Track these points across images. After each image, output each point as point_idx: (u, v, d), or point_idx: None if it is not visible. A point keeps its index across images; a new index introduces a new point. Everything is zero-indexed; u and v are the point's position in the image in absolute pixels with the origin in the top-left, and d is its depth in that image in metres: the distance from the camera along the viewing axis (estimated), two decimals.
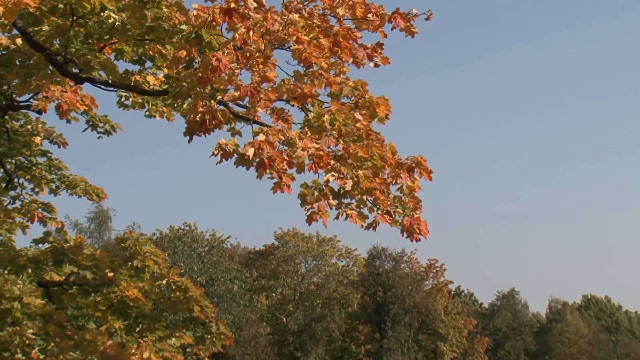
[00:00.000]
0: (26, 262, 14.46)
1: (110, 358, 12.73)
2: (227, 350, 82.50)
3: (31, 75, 14.28)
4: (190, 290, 16.63)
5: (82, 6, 12.64)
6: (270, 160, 10.73)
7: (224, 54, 11.05)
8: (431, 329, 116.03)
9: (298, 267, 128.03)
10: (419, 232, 11.72)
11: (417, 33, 12.13)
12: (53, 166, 19.58)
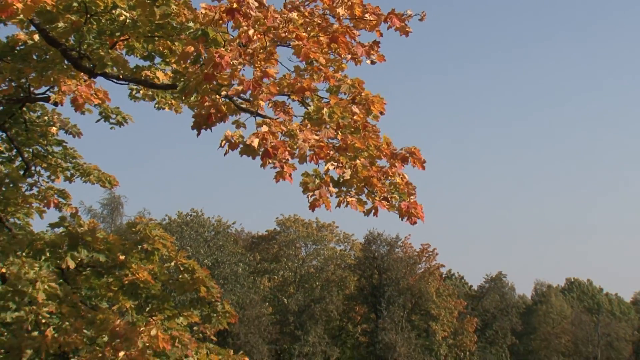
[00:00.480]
0: (43, 245, 14.45)
1: (120, 335, 12.70)
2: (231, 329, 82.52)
3: (47, 70, 14.26)
4: (197, 272, 16.63)
5: (96, 4, 12.63)
6: (274, 149, 10.76)
7: (228, 50, 11.07)
8: (424, 309, 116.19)
9: (298, 251, 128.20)
10: (416, 215, 11.76)
11: (411, 32, 12.14)
12: (68, 155, 19.57)
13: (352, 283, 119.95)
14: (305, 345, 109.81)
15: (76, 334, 12.78)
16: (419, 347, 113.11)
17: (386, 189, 11.77)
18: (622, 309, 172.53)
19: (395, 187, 11.82)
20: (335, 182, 11.55)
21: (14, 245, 14.05)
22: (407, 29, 11.98)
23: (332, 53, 11.83)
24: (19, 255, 13.77)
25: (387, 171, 11.69)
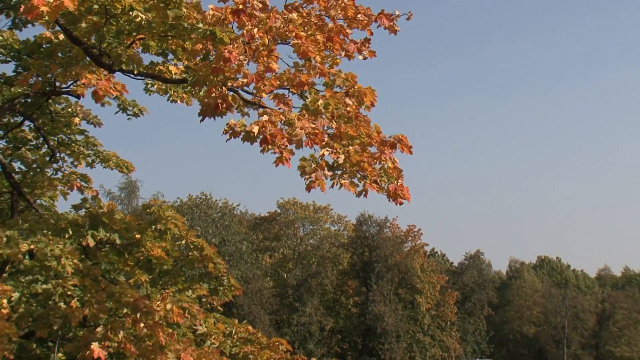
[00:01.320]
0: (67, 224, 14.43)
1: (140, 309, 12.69)
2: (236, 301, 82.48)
3: (71, 66, 14.24)
4: (205, 249, 16.63)
5: (114, 7, 12.60)
6: (272, 136, 10.79)
7: (234, 48, 11.07)
8: (409, 284, 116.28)
9: (297, 231, 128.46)
10: (403, 197, 11.75)
11: (399, 31, 12.12)
12: (89, 143, 19.56)
13: (345, 260, 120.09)
14: (303, 316, 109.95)
15: (98, 305, 12.76)
16: (405, 318, 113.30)
17: (376, 172, 11.76)
18: (587, 283, 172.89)
19: (385, 171, 11.81)
20: (330, 166, 11.53)
21: (41, 224, 14.03)
22: (395, 28, 11.96)
23: (328, 50, 11.81)
24: (45, 233, 13.74)
25: (377, 156, 11.69)
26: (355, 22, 11.89)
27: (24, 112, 17.98)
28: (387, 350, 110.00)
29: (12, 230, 13.39)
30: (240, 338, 16.19)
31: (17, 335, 12.59)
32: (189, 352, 13.13)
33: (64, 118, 18.89)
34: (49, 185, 19.34)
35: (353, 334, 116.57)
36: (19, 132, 19.22)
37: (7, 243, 13.01)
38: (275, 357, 15.92)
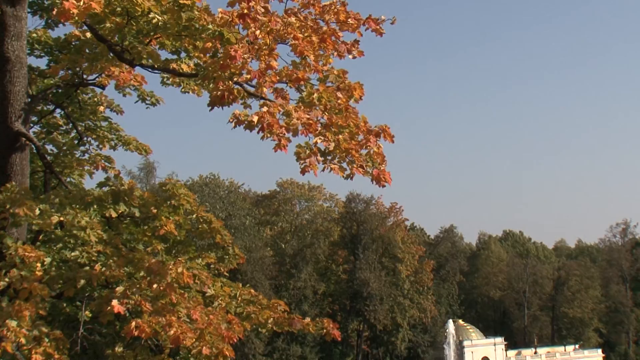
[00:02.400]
0: (92, 200, 14.42)
1: (154, 272, 12.71)
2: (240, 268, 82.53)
3: (97, 60, 14.23)
4: (213, 223, 16.65)
5: (135, 9, 12.59)
6: (269, 125, 10.86)
7: (240, 47, 11.11)
8: (391, 254, 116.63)
9: (294, 207, 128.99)
10: (385, 180, 11.79)
11: (384, 33, 12.12)
12: (112, 128, 19.55)
13: (336, 232, 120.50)
14: (299, 281, 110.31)
15: (118, 269, 12.78)
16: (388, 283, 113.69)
17: (362, 158, 11.79)
18: (545, 254, 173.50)
19: (370, 156, 11.83)
20: (322, 152, 11.56)
21: (70, 199, 14.02)
22: (381, 31, 11.96)
23: (322, 50, 11.82)
24: (73, 207, 13.74)
25: (364, 144, 11.72)
26: (346, 25, 11.89)
27: (56, 101, 17.98)
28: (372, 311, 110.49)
29: (44, 204, 13.39)
30: (244, 300, 16.21)
31: (49, 295, 12.62)
32: (197, 310, 13.15)
33: (90, 106, 18.89)
34: (77, 165, 19.35)
35: (342, 297, 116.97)
36: (51, 119, 19.20)
37: (40, 215, 13.02)
38: (274, 316, 15.94)
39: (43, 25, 18.26)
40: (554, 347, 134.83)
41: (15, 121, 14.61)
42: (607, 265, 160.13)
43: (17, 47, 14.62)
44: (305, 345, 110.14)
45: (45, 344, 12.13)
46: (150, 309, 12.33)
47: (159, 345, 13.29)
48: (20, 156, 14.83)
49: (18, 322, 11.60)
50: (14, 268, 12.21)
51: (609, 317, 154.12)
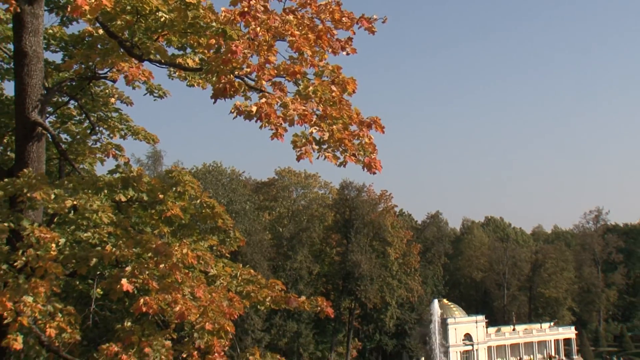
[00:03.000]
0: (103, 185, 14.40)
1: (160, 252, 12.70)
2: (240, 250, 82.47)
3: (108, 55, 14.20)
4: (216, 208, 16.63)
5: (143, 8, 12.57)
6: (267, 115, 10.87)
7: (241, 43, 11.09)
8: (381, 237, 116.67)
9: (291, 193, 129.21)
10: (375, 168, 11.78)
11: (376, 31, 12.09)
12: (122, 119, 19.52)
13: (330, 218, 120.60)
14: (295, 262, 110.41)
15: (127, 250, 12.77)
16: (377, 265, 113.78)
17: (355, 147, 11.78)
18: (524, 238, 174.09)
19: (362, 146, 11.82)
20: (317, 142, 11.55)
21: (82, 184, 14.01)
22: (373, 29, 11.93)
23: (317, 46, 11.79)
24: (86, 191, 13.73)
25: (356, 134, 11.71)
26: (340, 24, 11.85)
27: (70, 93, 17.94)
28: (363, 291, 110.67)
29: (59, 189, 13.37)
30: (244, 279, 16.22)
31: (63, 273, 12.61)
32: (201, 288, 13.15)
33: (102, 98, 18.85)
34: (90, 153, 19.32)
35: (335, 278, 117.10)
36: (66, 110, 19.17)
37: (55, 199, 13.00)
38: (272, 294, 15.95)
39: (58, 22, 18.31)
40: (531, 325, 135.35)
41: (32, 111, 14.60)
42: (581, 249, 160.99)
43: (34, 42, 14.61)
44: (301, 321, 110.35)
45: (59, 318, 12.15)
46: (157, 287, 12.34)
47: (165, 321, 13.29)
48: (36, 144, 14.82)
49: (34, 298, 11.61)
50: (30, 248, 12.20)
51: (581, 297, 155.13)
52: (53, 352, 14.10)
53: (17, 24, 14.56)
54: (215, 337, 13.14)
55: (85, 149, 19.25)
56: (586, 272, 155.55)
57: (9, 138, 18.34)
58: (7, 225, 12.90)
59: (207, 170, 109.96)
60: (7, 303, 11.26)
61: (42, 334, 12.65)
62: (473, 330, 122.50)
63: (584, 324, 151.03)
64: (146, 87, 17.99)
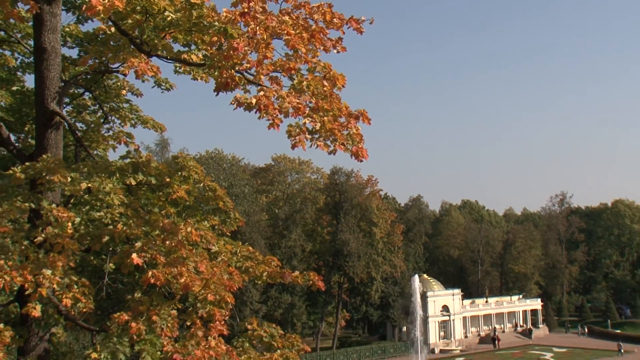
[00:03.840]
0: (115, 169, 14.37)
1: (167, 230, 12.69)
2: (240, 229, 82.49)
3: (119, 51, 14.16)
4: (218, 191, 16.60)
5: (152, 8, 12.53)
6: (265, 107, 10.87)
7: (241, 41, 11.07)
8: (368, 218, 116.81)
9: (286, 178, 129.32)
10: (362, 156, 11.78)
11: (364, 31, 12.06)
12: (133, 109, 19.47)
13: (321, 200, 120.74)
14: (289, 241, 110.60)
15: (137, 228, 12.76)
16: (364, 243, 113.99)
17: (344, 137, 11.77)
18: (496, 219, 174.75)
19: (350, 136, 11.82)
20: (310, 131, 11.54)
21: (96, 168, 13.98)
22: (361, 29, 11.91)
23: (311, 44, 11.77)
24: (99, 175, 13.70)
25: (345, 125, 11.70)
26: (331, 24, 11.83)
27: (85, 86, 17.91)
28: (351, 267, 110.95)
29: (75, 172, 13.34)
30: (243, 256, 16.21)
31: (78, 249, 12.60)
32: (204, 263, 13.16)
33: (114, 90, 18.80)
34: (103, 140, 19.29)
35: (326, 255, 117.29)
36: (81, 100, 19.12)
37: (71, 182, 12.98)
38: (268, 270, 15.96)
39: (74, 20, 18.27)
40: (501, 297, 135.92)
41: (50, 102, 14.57)
42: (547, 229, 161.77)
43: (52, 39, 14.56)
44: (295, 294, 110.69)
45: (75, 290, 12.14)
46: (164, 262, 12.34)
47: (171, 292, 13.30)
48: (55, 132, 14.79)
49: (52, 271, 11.61)
50: (49, 226, 12.19)
51: (547, 272, 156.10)
52: (70, 320, 14.15)
53: (37, 22, 14.51)
54: (217, 308, 13.17)
55: (99, 136, 19.23)
56: (551, 250, 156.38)
57: (29, 126, 18.32)
58: (28, 205, 12.89)
59: (209, 156, 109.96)
60: (28, 276, 11.26)
61: (59, 304, 12.66)
62: (450, 302, 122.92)
63: (549, 296, 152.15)
64: (154, 81, 17.96)
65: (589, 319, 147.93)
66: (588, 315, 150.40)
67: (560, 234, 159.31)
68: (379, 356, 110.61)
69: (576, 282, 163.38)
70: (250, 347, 15.26)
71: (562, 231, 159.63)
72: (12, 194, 13.33)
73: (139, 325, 12.17)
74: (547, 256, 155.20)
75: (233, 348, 14.02)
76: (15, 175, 13.12)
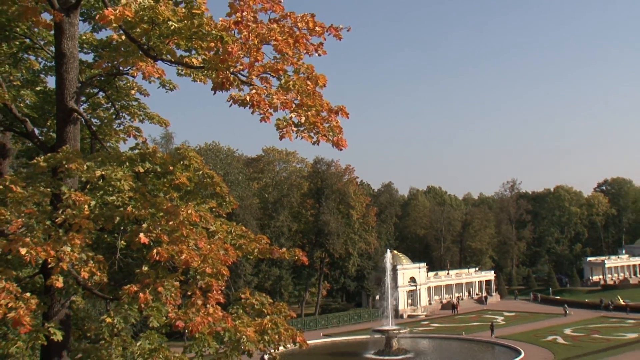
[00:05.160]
0: (125, 159, 14.27)
1: (170, 212, 12.64)
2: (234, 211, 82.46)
3: (129, 56, 14.04)
4: (215, 178, 16.53)
5: (157, 18, 12.41)
6: (257, 102, 10.87)
7: (235, 46, 11.03)
8: (346, 202, 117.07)
9: (274, 167, 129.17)
10: (342, 145, 11.78)
11: (342, 38, 12.01)
12: (140, 106, 19.33)
13: (305, 186, 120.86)
14: (277, 222, 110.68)
15: (144, 210, 12.69)
16: (343, 224, 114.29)
17: (325, 129, 11.75)
18: (457, 203, 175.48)
19: (331, 128, 11.78)
20: (295, 125, 11.51)
21: (109, 158, 13.88)
22: (340, 36, 11.86)
23: (296, 49, 11.71)
24: (111, 164, 13.61)
25: (326, 118, 11.67)
26: (313, 32, 11.77)
27: (99, 86, 17.80)
28: (331, 244, 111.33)
29: (90, 161, 13.25)
30: (237, 234, 16.18)
31: (94, 228, 12.54)
32: (202, 241, 13.12)
33: (124, 90, 18.67)
34: (115, 134, 19.17)
35: (309, 234, 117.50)
36: (96, 99, 18.97)
37: (87, 170, 12.89)
38: (259, 247, 15.94)
39: (90, 29, 18.22)
40: (460, 270, 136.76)
41: (69, 100, 14.50)
42: (499, 211, 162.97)
43: (71, 45, 14.49)
44: (282, 268, 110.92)
45: (91, 264, 12.10)
46: (167, 240, 12.30)
47: (174, 266, 13.26)
48: (73, 126, 14.72)
49: (71, 247, 11.56)
50: (68, 208, 12.12)
51: (499, 248, 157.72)
52: (87, 289, 14.13)
53: (58, 31, 14.44)
54: (214, 279, 13.15)
55: (111, 130, 19.12)
56: (503, 229, 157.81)
57: (51, 121, 18.20)
58: (50, 190, 12.84)
59: (208, 148, 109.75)
60: (51, 251, 11.23)
61: (78, 276, 12.64)
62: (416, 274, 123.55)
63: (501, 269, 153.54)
64: (159, 82, 17.81)
65: (534, 287, 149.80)
66: (533, 284, 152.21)
67: (511, 215, 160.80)
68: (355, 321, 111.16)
69: (524, 256, 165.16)
70: (244, 314, 15.25)
71: (512, 213, 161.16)
72: (36, 180, 13.24)
73: (146, 295, 12.15)
74: (499, 234, 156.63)
75: (228, 314, 14.02)
76: (39, 164, 13.08)
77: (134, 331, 21.79)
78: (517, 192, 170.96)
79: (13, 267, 12.25)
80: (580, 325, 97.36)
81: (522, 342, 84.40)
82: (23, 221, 11.79)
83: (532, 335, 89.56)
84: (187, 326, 12.18)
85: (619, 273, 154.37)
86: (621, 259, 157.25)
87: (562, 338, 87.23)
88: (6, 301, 10.73)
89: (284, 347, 14.79)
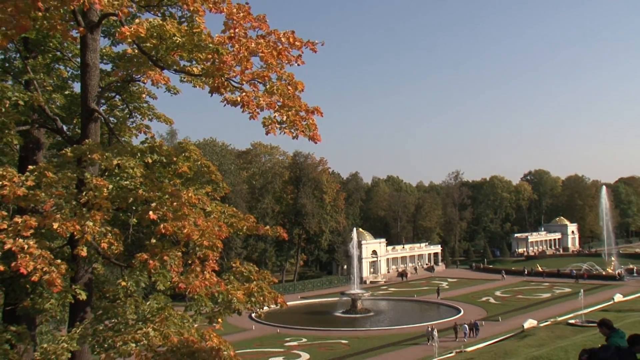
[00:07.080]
0: (137, 151, 14.20)
1: (174, 195, 12.63)
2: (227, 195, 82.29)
3: (140, 66, 13.97)
4: (211, 167, 16.49)
5: (164, 34, 12.36)
6: (247, 103, 10.91)
7: (229, 57, 11.05)
8: (320, 188, 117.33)
9: (261, 159, 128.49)
10: (317, 139, 11.83)
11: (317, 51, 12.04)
12: (150, 107, 19.20)
13: (286, 175, 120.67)
14: (263, 204, 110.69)
15: (153, 193, 12.66)
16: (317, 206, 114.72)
17: (303, 126, 11.78)
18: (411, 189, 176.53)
19: (308, 125, 11.82)
20: (279, 122, 11.54)
21: (124, 150, 13.82)
22: (315, 49, 11.87)
23: (279, 60, 11.73)
24: (126, 155, 13.56)
25: (304, 117, 11.71)
26: (294, 46, 11.75)
27: (116, 90, 17.73)
28: (307, 223, 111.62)
29: (109, 153, 13.19)
30: (229, 214, 16.18)
31: (111, 208, 12.50)
32: (200, 219, 13.14)
33: (136, 94, 18.55)
34: (128, 130, 19.04)
35: (290, 215, 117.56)
36: (113, 101, 18.82)
37: (106, 159, 12.84)
38: (247, 225, 15.98)
39: (109, 44, 18.22)
40: (413, 244, 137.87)
41: (92, 102, 14.44)
42: (446, 196, 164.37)
43: (93, 57, 14.46)
44: (267, 242, 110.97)
45: (109, 237, 12.10)
46: (171, 217, 12.28)
47: (177, 240, 13.27)
48: (94, 124, 14.65)
49: (93, 223, 11.55)
50: (90, 191, 12.08)
51: (445, 227, 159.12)
52: (106, 258, 14.11)
53: (83, 45, 14.44)
54: (210, 251, 13.21)
55: (126, 127, 18.99)
56: (448, 211, 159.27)
57: (76, 120, 18.10)
58: (76, 176, 12.83)
59: (206, 142, 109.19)
60: (77, 226, 11.25)
61: (98, 247, 12.62)
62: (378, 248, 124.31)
63: (446, 243, 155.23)
64: (165, 87, 17.72)
65: (473, 258, 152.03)
66: (472, 256, 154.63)
67: (455, 199, 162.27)
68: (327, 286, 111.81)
69: (464, 233, 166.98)
70: (234, 279, 15.30)
71: (455, 197, 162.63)
72: (64, 167, 13.18)
73: (154, 262, 12.20)
74: (445, 215, 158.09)
75: (222, 280, 14.09)
76: (67, 154, 13.05)
77: (144, 293, 21.74)
78: (460, 181, 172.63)
79: (47, 238, 12.22)
80: (508, 288, 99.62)
81: (462, 302, 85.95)
82: (54, 201, 11.79)
83: (470, 297, 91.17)
84: (188, 289, 12.25)
85: (539, 246, 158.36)
86: (540, 235, 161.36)
87: (494, 298, 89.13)
88: (42, 266, 10.76)
89: (267, 307, 14.90)
